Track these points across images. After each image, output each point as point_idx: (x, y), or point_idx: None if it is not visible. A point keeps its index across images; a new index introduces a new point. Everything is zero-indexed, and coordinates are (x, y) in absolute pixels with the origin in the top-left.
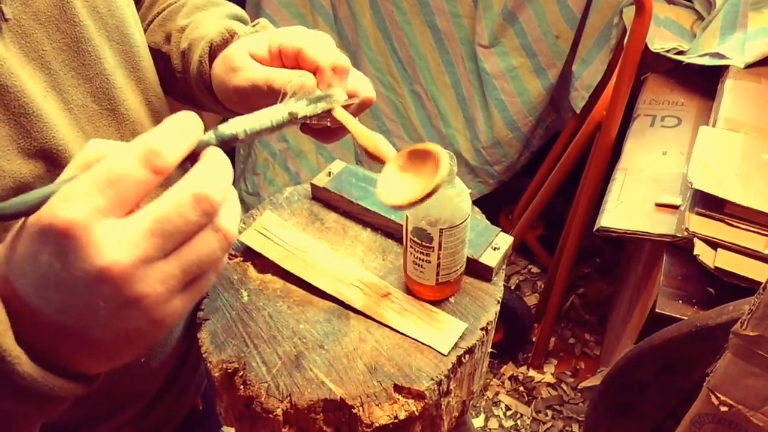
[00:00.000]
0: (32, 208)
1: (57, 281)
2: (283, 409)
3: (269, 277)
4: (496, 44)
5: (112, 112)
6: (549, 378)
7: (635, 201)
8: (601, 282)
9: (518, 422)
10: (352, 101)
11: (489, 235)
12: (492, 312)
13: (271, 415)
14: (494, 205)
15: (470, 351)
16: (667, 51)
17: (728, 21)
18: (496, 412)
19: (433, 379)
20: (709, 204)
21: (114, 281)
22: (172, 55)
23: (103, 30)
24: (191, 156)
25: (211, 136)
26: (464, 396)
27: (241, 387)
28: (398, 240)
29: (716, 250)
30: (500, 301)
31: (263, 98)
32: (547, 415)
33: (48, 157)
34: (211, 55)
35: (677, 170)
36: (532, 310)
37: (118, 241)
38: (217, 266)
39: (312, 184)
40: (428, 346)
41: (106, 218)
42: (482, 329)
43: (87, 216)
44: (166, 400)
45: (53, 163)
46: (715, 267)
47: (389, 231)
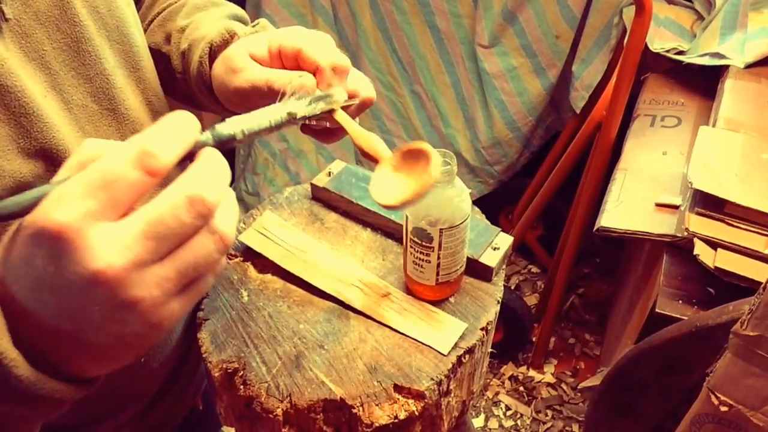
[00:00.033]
0: (26, 209)
1: (51, 284)
2: (283, 409)
3: (269, 277)
4: (496, 44)
5: (112, 112)
6: (549, 378)
7: (635, 201)
8: (601, 282)
9: (518, 422)
10: (353, 101)
11: (489, 235)
12: (492, 312)
13: (271, 415)
14: (494, 205)
15: (470, 351)
16: (667, 51)
17: (728, 21)
18: (496, 412)
19: (433, 379)
20: (709, 204)
21: (108, 285)
22: (172, 55)
23: (103, 30)
24: (189, 156)
25: (208, 136)
26: (464, 396)
27: (241, 387)
28: (398, 240)
29: (716, 250)
30: (500, 301)
31: (263, 99)
32: (547, 415)
33: (48, 157)
34: (211, 56)
35: (677, 170)
36: (532, 310)
37: (111, 244)
38: (214, 268)
39: (312, 184)
40: (428, 346)
41: (99, 221)
42: (482, 329)
43: (80, 219)
44: (166, 400)
45: (53, 163)
46: (715, 267)
47: (389, 231)
